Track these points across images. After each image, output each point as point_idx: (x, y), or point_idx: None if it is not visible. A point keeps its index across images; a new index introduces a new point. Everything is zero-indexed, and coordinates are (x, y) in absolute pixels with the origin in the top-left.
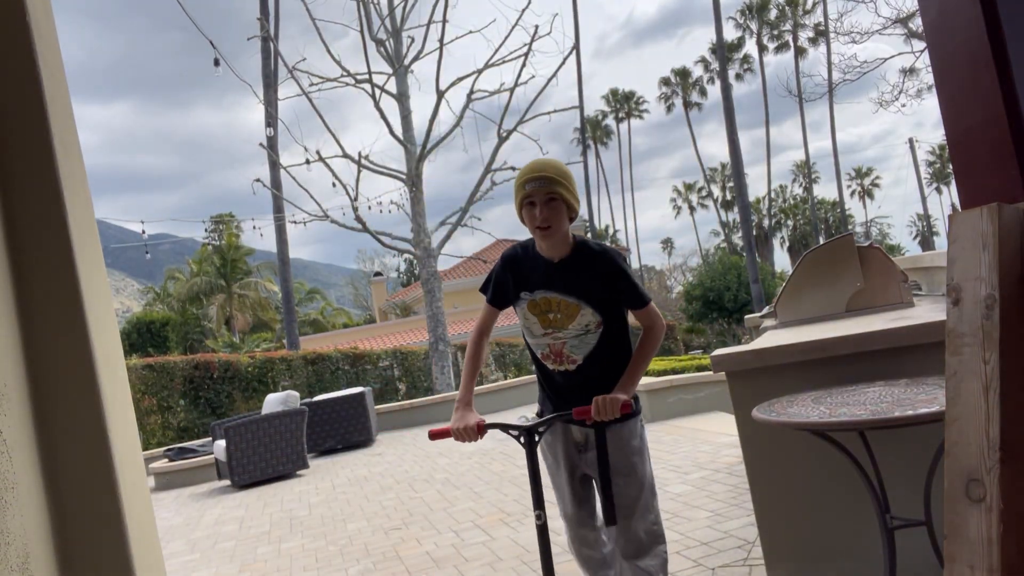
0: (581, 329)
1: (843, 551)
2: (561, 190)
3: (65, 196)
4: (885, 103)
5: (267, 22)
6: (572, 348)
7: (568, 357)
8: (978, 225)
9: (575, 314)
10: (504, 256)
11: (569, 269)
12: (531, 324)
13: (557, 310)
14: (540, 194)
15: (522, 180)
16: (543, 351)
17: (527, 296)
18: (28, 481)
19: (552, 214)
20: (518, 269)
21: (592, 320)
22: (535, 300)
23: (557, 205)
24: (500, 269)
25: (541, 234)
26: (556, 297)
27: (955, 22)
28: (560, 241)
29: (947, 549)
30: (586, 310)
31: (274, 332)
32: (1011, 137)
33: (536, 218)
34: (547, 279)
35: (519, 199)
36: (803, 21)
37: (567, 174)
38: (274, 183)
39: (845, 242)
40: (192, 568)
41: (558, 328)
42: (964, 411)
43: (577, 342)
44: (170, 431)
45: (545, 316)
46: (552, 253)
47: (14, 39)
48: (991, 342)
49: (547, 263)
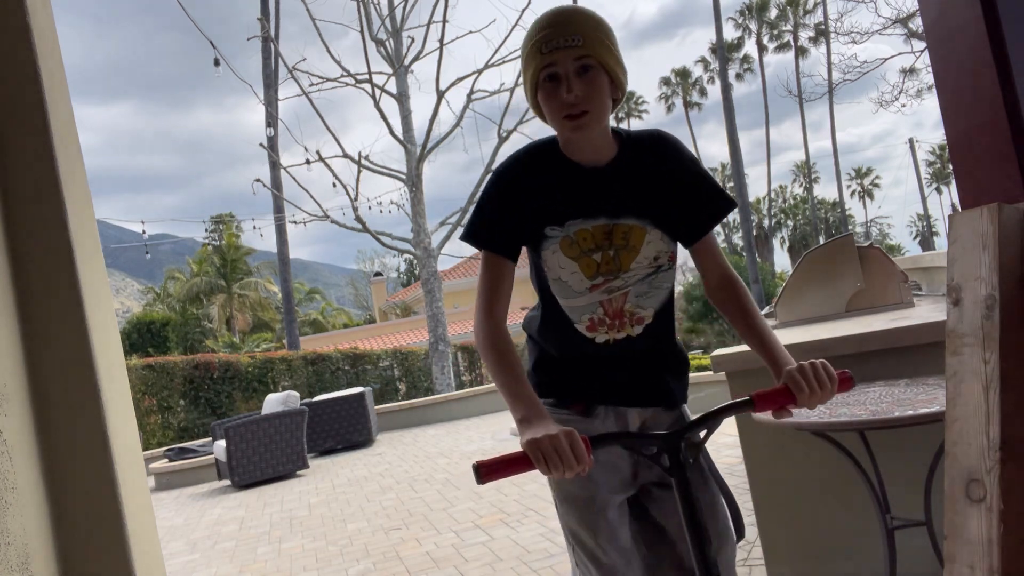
0: (650, 266)
1: (843, 551)
2: (602, 52)
3: (65, 196)
4: (885, 103)
5: (267, 22)
6: (639, 300)
7: (632, 316)
8: (978, 225)
9: (640, 243)
10: (501, 171)
11: (621, 174)
12: (568, 276)
13: (611, 243)
14: (568, 59)
15: (536, 40)
16: (591, 316)
17: (556, 232)
18: (28, 481)
19: (590, 91)
20: (531, 189)
21: (664, 249)
22: (570, 236)
23: (596, 76)
24: (498, 194)
25: (573, 125)
26: (608, 223)
27: (955, 22)
28: (601, 134)
29: (947, 549)
30: (654, 233)
31: (274, 332)
32: (1011, 137)
33: (563, 99)
34: (588, 198)
35: (532, 72)
36: (803, 21)
37: (607, 28)
38: (274, 183)
39: (845, 242)
40: (192, 568)
41: (615, 272)
42: (964, 411)
43: (646, 288)
44: (170, 431)
45: (590, 258)
46: (591, 155)
47: (14, 39)
48: (991, 342)
49: (584, 174)
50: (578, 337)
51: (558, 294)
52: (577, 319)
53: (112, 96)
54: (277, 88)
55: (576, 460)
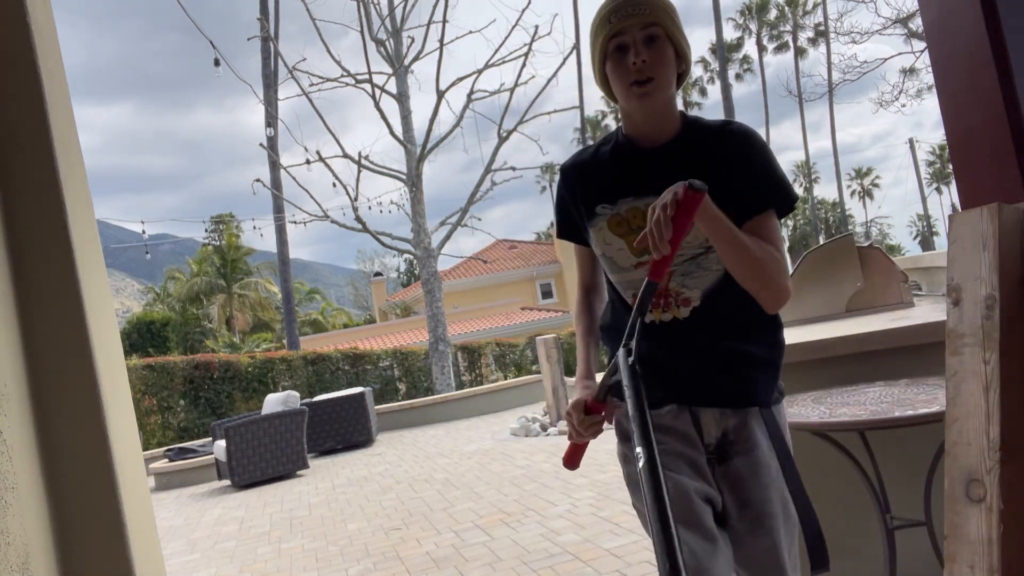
0: (699, 247)
1: (843, 551)
2: (668, 22)
3: (65, 196)
4: (885, 103)
5: (267, 22)
6: (684, 280)
7: (678, 296)
8: (978, 225)
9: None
10: (562, 170)
11: (678, 155)
12: (614, 253)
13: None
14: (635, 29)
15: (605, 12)
16: (635, 292)
17: (606, 210)
18: (28, 481)
19: (657, 57)
20: (586, 175)
21: None
22: (619, 213)
23: (663, 45)
24: (560, 190)
25: (640, 92)
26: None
27: (955, 22)
28: (665, 108)
29: (947, 549)
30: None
31: (274, 332)
32: (1011, 137)
33: (631, 65)
34: (641, 175)
35: (600, 44)
36: (803, 22)
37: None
38: (274, 183)
39: (845, 242)
40: (192, 568)
41: None
42: (964, 411)
43: (693, 268)
44: (170, 431)
45: (636, 236)
46: (651, 131)
47: (14, 39)
48: (991, 342)
49: (640, 152)
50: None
51: (606, 269)
52: (625, 292)
53: (112, 96)
54: (277, 88)
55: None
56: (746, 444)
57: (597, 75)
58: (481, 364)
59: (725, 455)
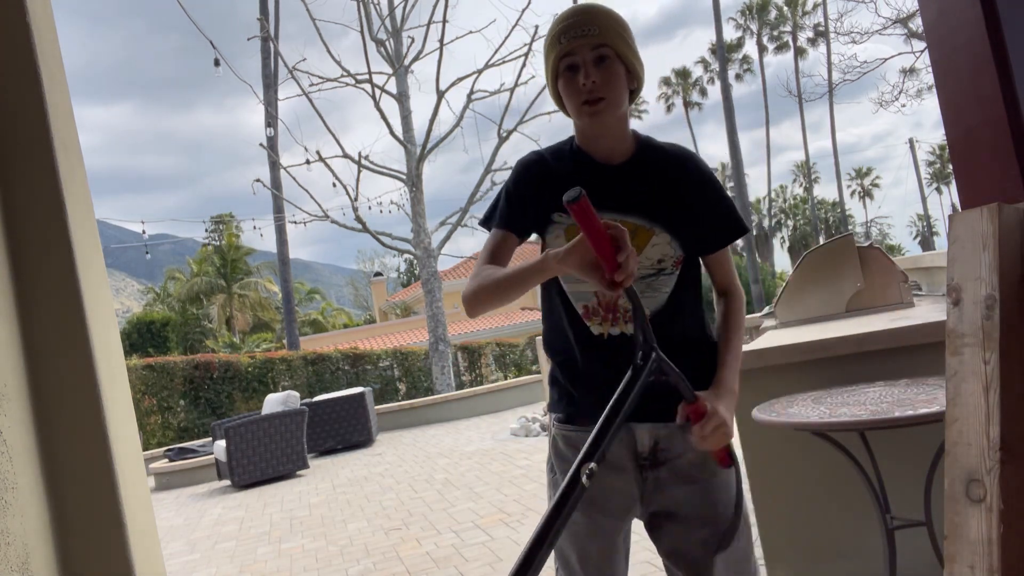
0: (652, 268)
1: (843, 551)
2: (618, 42)
3: (65, 196)
4: (885, 103)
5: (267, 22)
6: None
7: (626, 313)
8: (978, 225)
9: (643, 244)
10: (523, 163)
11: (635, 175)
12: None
13: None
14: (585, 49)
15: (556, 32)
16: (586, 304)
17: (564, 219)
18: (28, 481)
19: (607, 78)
20: (548, 179)
21: (670, 253)
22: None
23: (613, 65)
24: (516, 181)
25: (590, 111)
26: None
27: (955, 22)
28: (618, 126)
29: (947, 549)
30: (661, 236)
31: (274, 332)
32: (1011, 137)
33: (581, 85)
34: (598, 190)
35: (552, 63)
36: (803, 22)
37: (623, 22)
38: (274, 183)
39: (845, 242)
40: (192, 568)
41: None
42: (964, 411)
43: (643, 288)
44: (170, 431)
45: None
46: (606, 149)
47: (14, 39)
48: (991, 342)
49: (597, 168)
50: (578, 324)
51: (561, 280)
52: (575, 302)
53: (112, 96)
54: (277, 88)
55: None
56: (677, 452)
57: (551, 91)
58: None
59: (657, 462)
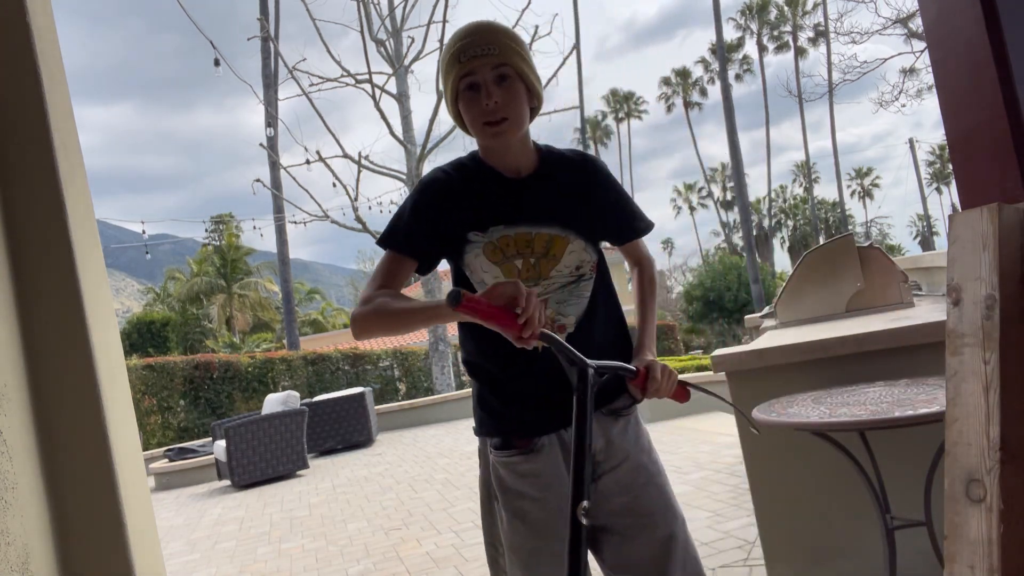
0: (571, 275)
1: (843, 551)
2: (518, 61)
3: (65, 196)
4: (885, 103)
5: (267, 22)
6: (559, 308)
7: (554, 324)
8: (978, 225)
9: (561, 252)
10: (423, 182)
11: (543, 186)
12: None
13: (532, 251)
14: (485, 68)
15: (454, 50)
16: None
17: (480, 238)
18: (28, 481)
19: (508, 98)
20: (453, 197)
21: (586, 258)
22: (493, 242)
23: (513, 85)
24: (421, 202)
25: (493, 132)
26: (529, 231)
27: (955, 22)
28: (521, 143)
29: (947, 549)
30: (576, 243)
31: (274, 332)
32: (1011, 137)
33: (483, 106)
34: (510, 205)
35: (451, 82)
36: (803, 22)
37: (520, 40)
38: (274, 183)
39: (845, 242)
40: (192, 568)
41: (535, 279)
42: (964, 411)
43: (566, 296)
44: (170, 431)
45: (512, 264)
46: (512, 163)
47: (14, 39)
48: (991, 342)
49: (506, 182)
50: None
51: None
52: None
53: (112, 96)
54: (277, 88)
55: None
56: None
57: (450, 110)
58: None
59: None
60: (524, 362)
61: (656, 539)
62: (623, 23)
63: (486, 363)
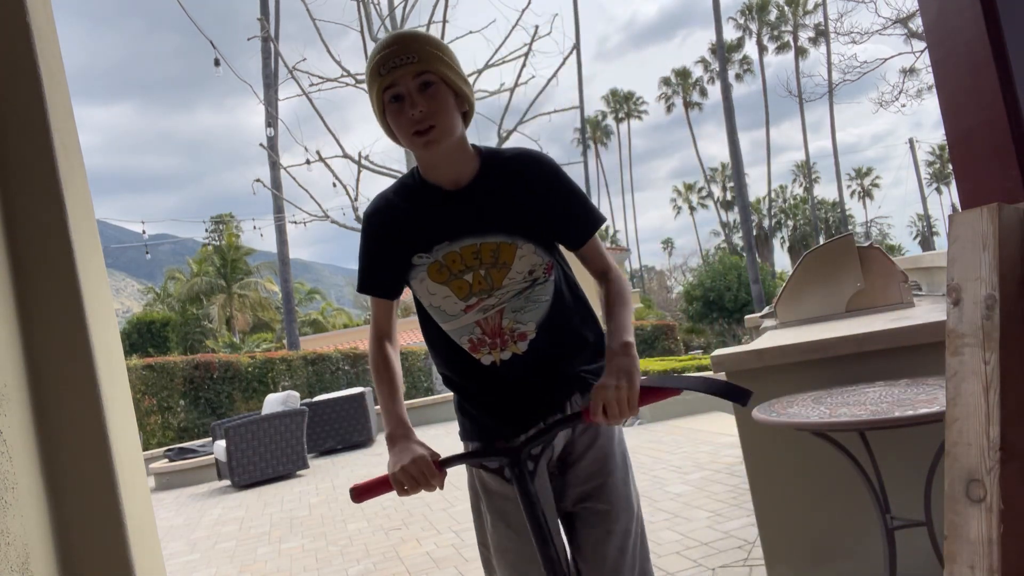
0: (524, 280)
1: (843, 551)
2: (440, 67)
3: (65, 196)
4: (885, 103)
5: (267, 22)
6: (516, 316)
7: (514, 332)
8: (978, 225)
9: (511, 259)
10: (369, 214)
11: (484, 192)
12: (441, 301)
13: (480, 262)
14: (407, 77)
15: (375, 63)
16: (470, 338)
17: (424, 259)
18: (28, 481)
19: (433, 105)
20: (397, 223)
21: (538, 262)
22: (438, 261)
23: (438, 91)
24: (367, 237)
25: (423, 141)
26: (475, 242)
27: (955, 22)
28: (457, 151)
29: (947, 549)
30: (526, 248)
31: (274, 332)
32: (1011, 137)
33: (409, 116)
34: (452, 219)
35: (376, 94)
36: (803, 22)
37: (443, 45)
38: (274, 183)
39: (845, 242)
40: (192, 568)
41: (487, 290)
42: (964, 411)
43: (523, 303)
44: (170, 431)
45: (462, 280)
46: (453, 174)
47: (14, 39)
48: (991, 342)
49: (447, 195)
50: (468, 360)
51: (436, 319)
52: (459, 340)
53: (112, 96)
54: (277, 88)
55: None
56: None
57: (380, 124)
58: None
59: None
60: (483, 376)
61: (614, 531)
62: (623, 23)
63: (453, 376)
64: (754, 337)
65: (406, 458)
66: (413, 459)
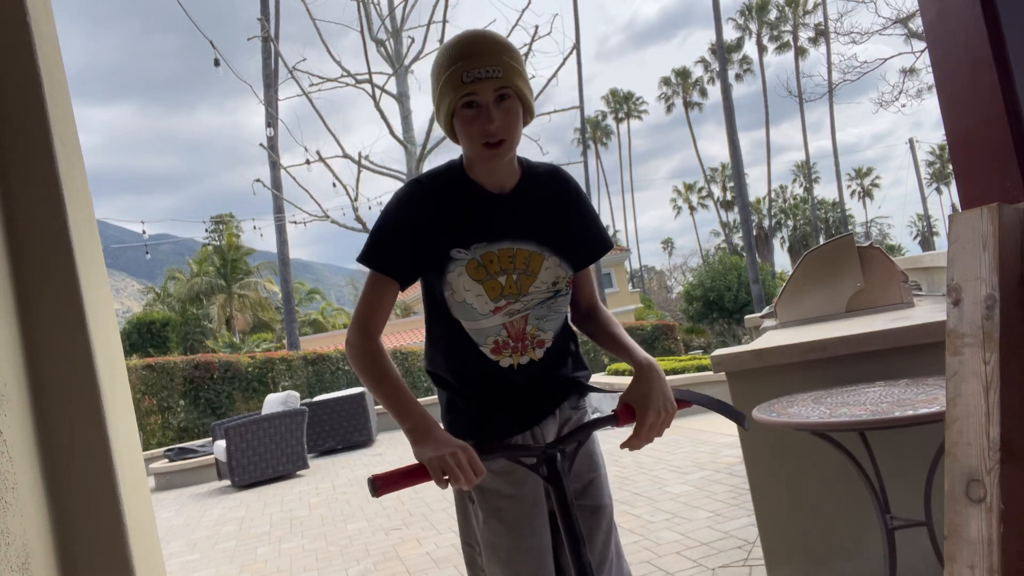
0: (548, 290)
1: (843, 551)
2: (518, 81)
3: (65, 196)
4: (885, 103)
5: (267, 22)
6: (540, 323)
7: (535, 339)
8: (978, 225)
9: (538, 269)
10: (402, 195)
11: (524, 202)
12: (474, 299)
13: (514, 267)
14: (488, 90)
15: (455, 68)
16: (496, 339)
17: (463, 255)
18: (28, 481)
19: (508, 120)
20: (437, 214)
21: (561, 275)
22: (476, 259)
23: (513, 106)
24: (398, 218)
25: (492, 153)
26: (511, 247)
27: (955, 22)
28: (511, 163)
29: (947, 549)
30: (551, 260)
31: (274, 332)
32: (1011, 137)
33: (484, 128)
34: (495, 221)
35: (453, 99)
36: (803, 22)
37: (518, 54)
38: (274, 183)
39: (845, 242)
40: (192, 568)
41: (515, 295)
42: (964, 411)
43: (546, 311)
44: (170, 431)
45: (496, 281)
46: (499, 180)
47: (14, 39)
48: (991, 342)
49: (490, 197)
50: (483, 361)
51: (461, 316)
52: (482, 342)
53: (112, 96)
54: (277, 88)
55: (475, 473)
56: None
57: (443, 124)
58: None
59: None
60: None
61: (602, 525)
62: (623, 23)
63: (453, 378)
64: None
65: (449, 447)
66: (461, 447)
